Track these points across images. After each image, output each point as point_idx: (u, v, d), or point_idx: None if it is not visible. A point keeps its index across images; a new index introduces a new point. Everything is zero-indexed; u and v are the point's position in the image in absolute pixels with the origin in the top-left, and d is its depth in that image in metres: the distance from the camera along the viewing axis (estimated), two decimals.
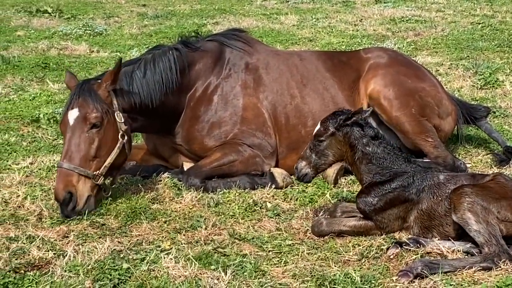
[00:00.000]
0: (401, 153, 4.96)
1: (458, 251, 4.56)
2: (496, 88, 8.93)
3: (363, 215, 4.87)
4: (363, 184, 4.91)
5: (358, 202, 4.86)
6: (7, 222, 5.15)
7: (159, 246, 4.73)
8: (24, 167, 6.31)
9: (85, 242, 4.81)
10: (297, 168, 4.99)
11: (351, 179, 6.04)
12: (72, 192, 5.19)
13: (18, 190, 5.69)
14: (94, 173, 5.33)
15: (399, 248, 4.57)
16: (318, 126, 4.92)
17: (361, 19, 14.89)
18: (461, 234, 4.61)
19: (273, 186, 5.84)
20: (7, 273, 4.28)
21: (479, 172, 5.79)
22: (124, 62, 5.89)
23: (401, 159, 4.89)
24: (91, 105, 5.39)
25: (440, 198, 4.71)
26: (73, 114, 5.39)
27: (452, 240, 4.63)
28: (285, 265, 4.49)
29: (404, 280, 4.19)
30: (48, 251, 4.64)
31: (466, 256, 4.50)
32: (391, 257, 4.51)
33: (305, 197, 5.63)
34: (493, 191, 4.53)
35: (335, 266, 4.45)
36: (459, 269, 4.30)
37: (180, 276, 4.28)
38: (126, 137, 5.56)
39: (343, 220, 4.95)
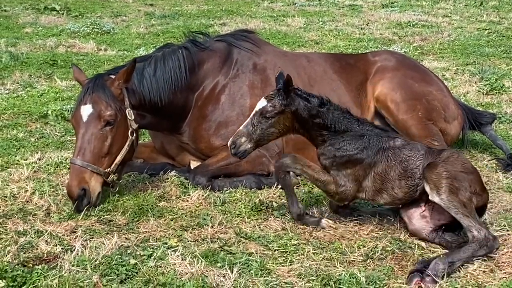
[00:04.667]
0: (353, 116, 4.96)
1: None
2: (502, 94, 8.97)
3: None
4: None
5: (319, 159, 4.94)
6: (15, 217, 5.19)
7: (166, 243, 4.77)
8: (32, 163, 6.36)
9: (92, 238, 4.85)
10: (235, 143, 4.78)
11: None
12: (85, 189, 5.23)
13: (26, 185, 5.73)
14: (105, 170, 5.38)
15: (420, 276, 4.26)
16: (265, 103, 4.76)
17: (368, 23, 14.95)
18: (409, 198, 4.80)
19: (279, 186, 5.87)
20: (16, 266, 4.33)
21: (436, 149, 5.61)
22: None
23: (354, 121, 4.91)
24: (105, 102, 5.42)
25: (394, 162, 4.80)
26: (86, 110, 5.41)
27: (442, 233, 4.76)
28: (290, 265, 4.52)
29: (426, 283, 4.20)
30: (56, 245, 4.69)
31: (461, 246, 4.54)
32: (416, 286, 4.23)
33: (310, 197, 5.66)
34: (462, 167, 4.66)
35: (340, 266, 4.48)
36: (465, 260, 4.36)
37: (187, 273, 4.33)
38: (134, 134, 5.61)
39: (309, 162, 4.98)
